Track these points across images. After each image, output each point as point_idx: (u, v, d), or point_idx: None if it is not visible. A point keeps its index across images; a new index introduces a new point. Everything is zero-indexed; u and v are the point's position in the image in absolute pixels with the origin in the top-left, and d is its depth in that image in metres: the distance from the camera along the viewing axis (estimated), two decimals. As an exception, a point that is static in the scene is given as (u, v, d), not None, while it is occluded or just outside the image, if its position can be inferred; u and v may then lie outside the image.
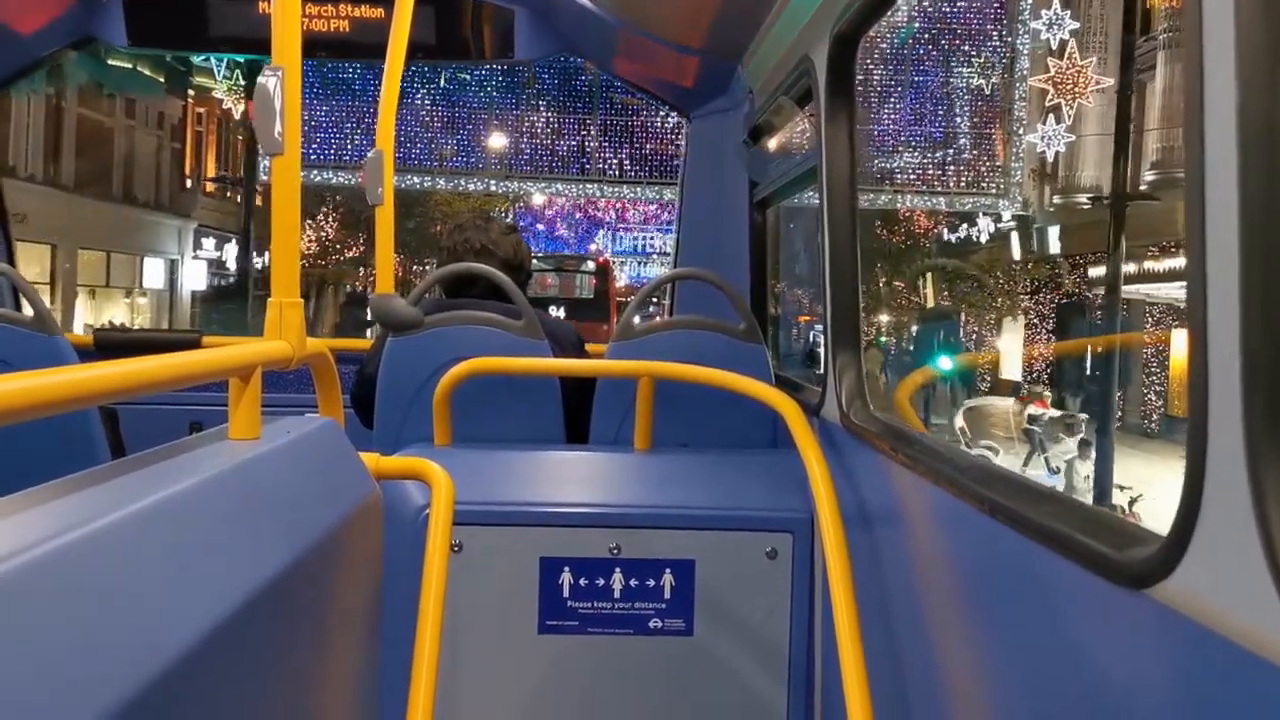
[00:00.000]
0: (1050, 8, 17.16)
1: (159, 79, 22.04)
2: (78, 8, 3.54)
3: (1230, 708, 0.84)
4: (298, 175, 1.50)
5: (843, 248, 2.24)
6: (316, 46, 3.67)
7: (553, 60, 5.88)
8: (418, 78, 7.27)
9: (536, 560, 2.20)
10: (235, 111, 21.11)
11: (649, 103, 4.00)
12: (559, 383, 2.68)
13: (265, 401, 1.38)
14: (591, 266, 19.06)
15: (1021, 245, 22.38)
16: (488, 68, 7.50)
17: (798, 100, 2.80)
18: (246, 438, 1.34)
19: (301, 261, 1.64)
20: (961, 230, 22.55)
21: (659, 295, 4.24)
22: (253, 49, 3.85)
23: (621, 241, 25.60)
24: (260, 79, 1.43)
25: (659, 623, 2.22)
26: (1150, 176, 17.26)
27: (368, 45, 3.63)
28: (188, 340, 3.70)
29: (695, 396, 2.57)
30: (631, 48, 3.55)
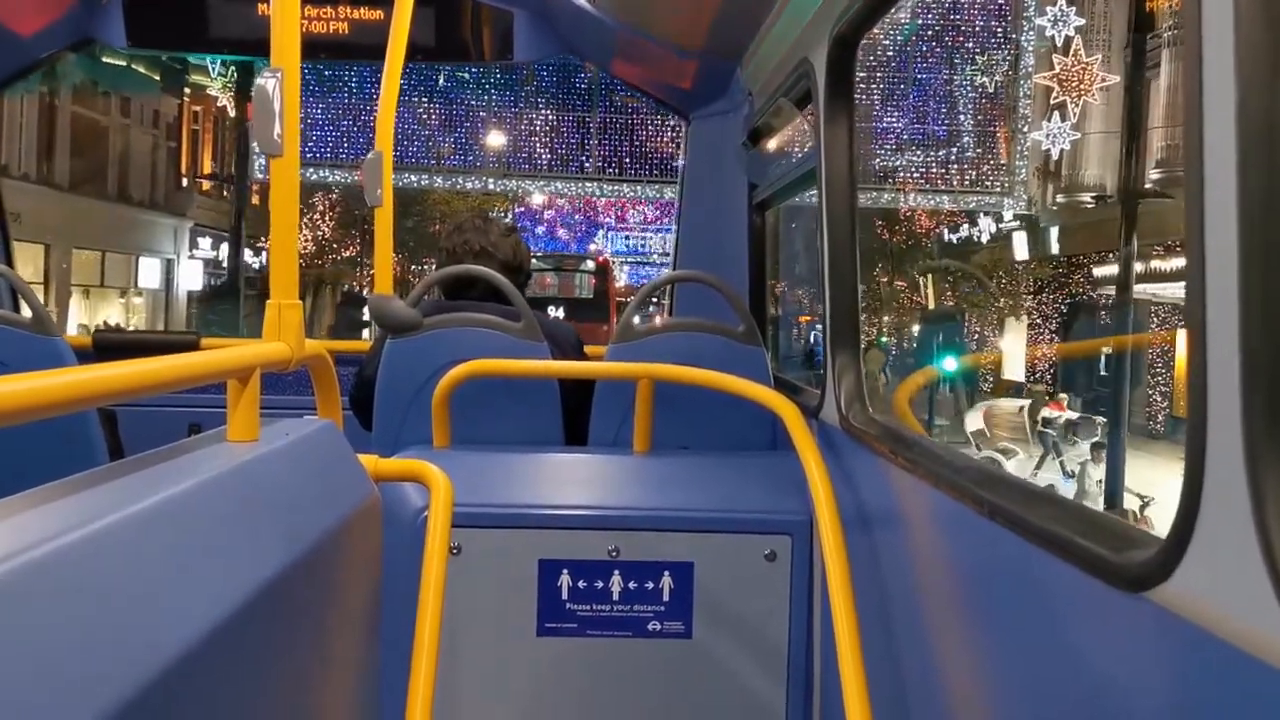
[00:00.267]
0: (1055, 4, 17.08)
1: (154, 77, 21.95)
2: (77, 9, 3.54)
3: (1229, 710, 0.84)
4: (296, 177, 1.50)
5: (842, 251, 2.24)
6: (316, 48, 3.67)
7: (551, 58, 5.88)
8: (415, 73, 7.26)
9: (535, 563, 2.20)
10: (231, 109, 21.04)
11: (648, 101, 4.00)
12: (558, 385, 2.68)
13: (264, 403, 1.38)
14: (591, 266, 18.86)
15: (1029, 244, 22.08)
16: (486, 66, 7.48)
17: (797, 102, 2.80)
18: (245, 439, 1.33)
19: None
20: (965, 230, 22.36)
21: (658, 295, 4.24)
22: (252, 50, 3.84)
23: (620, 242, 25.49)
24: (259, 81, 1.42)
25: (658, 625, 2.22)
26: (1155, 175, 17.18)
27: (367, 47, 3.63)
28: (186, 342, 3.70)
29: (694, 399, 2.57)
30: (631, 49, 3.55)
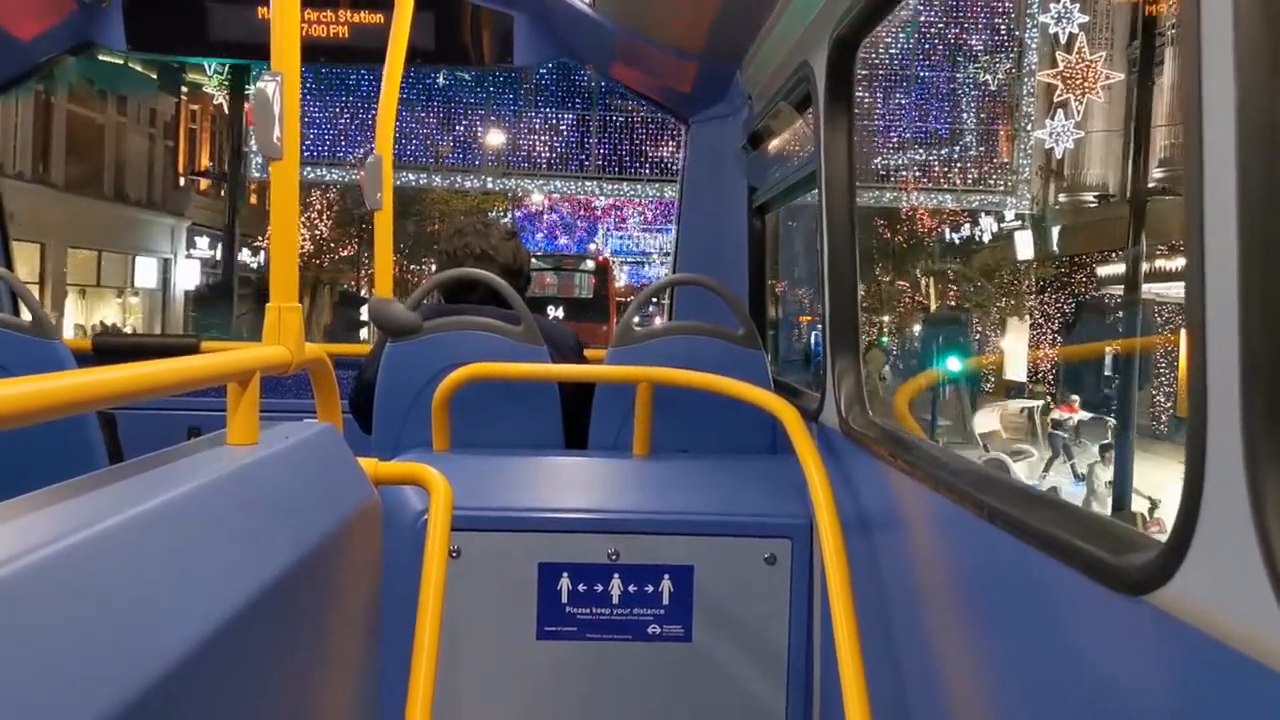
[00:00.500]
0: (1059, 2, 17.00)
1: (151, 75, 21.86)
2: (77, 13, 3.53)
3: (1230, 714, 0.84)
4: (296, 180, 1.50)
5: (842, 254, 2.24)
6: (316, 52, 3.66)
7: (551, 60, 5.88)
8: (415, 71, 7.26)
9: (535, 566, 2.20)
10: (227, 107, 20.97)
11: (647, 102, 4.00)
12: (558, 388, 2.68)
13: (263, 407, 1.38)
14: (591, 266, 18.72)
15: (1036, 242, 21.84)
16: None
17: (797, 105, 2.80)
18: (245, 443, 1.33)
19: None
20: (966, 229, 22.20)
21: (658, 296, 4.24)
22: (252, 54, 3.84)
23: (618, 243, 25.42)
24: (259, 84, 1.42)
25: (658, 629, 2.21)
26: (1159, 174, 17.13)
27: (367, 50, 3.63)
28: (186, 345, 3.69)
29: (694, 402, 2.56)
30: (630, 53, 3.55)
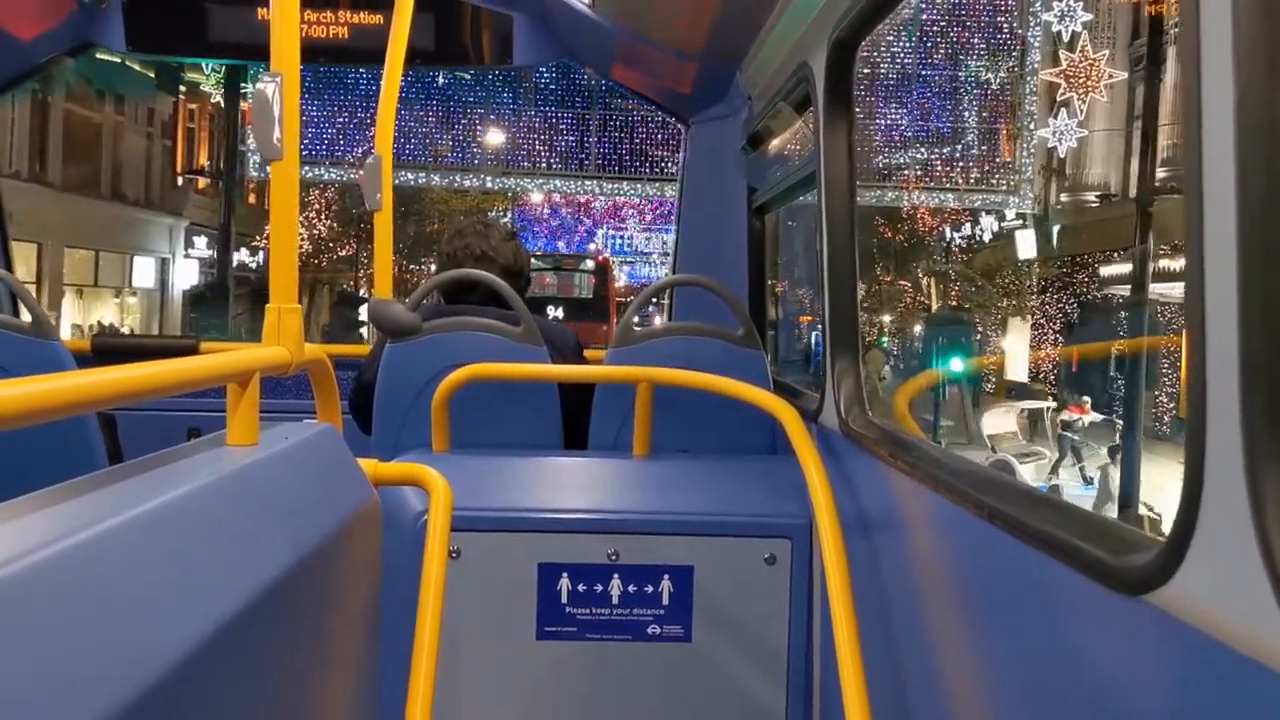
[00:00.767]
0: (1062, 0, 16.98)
1: (149, 74, 21.82)
2: (77, 14, 3.53)
3: (1230, 714, 0.84)
4: (296, 182, 1.50)
5: (841, 255, 2.24)
6: (316, 53, 3.67)
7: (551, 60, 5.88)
8: (414, 70, 7.26)
9: (535, 566, 2.20)
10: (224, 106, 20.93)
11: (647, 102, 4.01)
12: (557, 388, 2.68)
13: (263, 407, 1.38)
14: (590, 266, 18.62)
15: (1038, 242, 21.70)
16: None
17: (796, 106, 2.80)
18: (245, 444, 1.33)
19: None
20: (968, 228, 22.06)
21: (658, 296, 4.25)
22: (252, 55, 3.84)
23: (616, 242, 25.39)
24: (259, 85, 1.42)
25: (657, 629, 2.22)
26: (1161, 173, 17.09)
27: (367, 51, 3.63)
28: (185, 346, 3.70)
29: (694, 402, 2.56)
30: (630, 54, 3.55)
